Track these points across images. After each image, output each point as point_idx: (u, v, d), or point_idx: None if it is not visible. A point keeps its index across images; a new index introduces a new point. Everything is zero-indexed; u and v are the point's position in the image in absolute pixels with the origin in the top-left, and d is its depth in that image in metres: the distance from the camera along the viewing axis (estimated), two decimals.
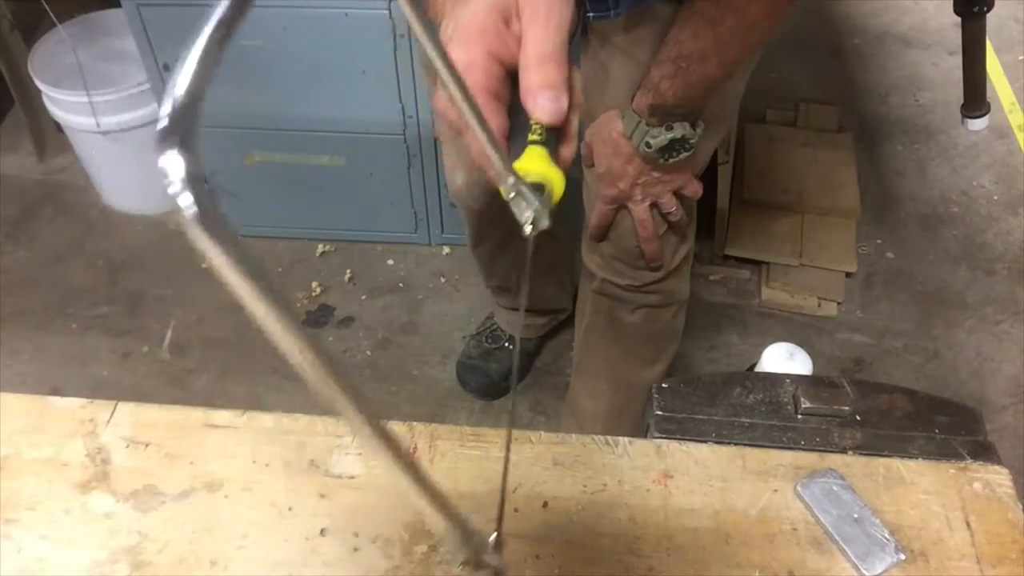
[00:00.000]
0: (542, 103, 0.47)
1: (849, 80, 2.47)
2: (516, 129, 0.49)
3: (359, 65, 1.68)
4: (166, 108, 0.23)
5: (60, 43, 1.91)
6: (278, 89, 1.76)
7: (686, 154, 0.97)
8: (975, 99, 1.28)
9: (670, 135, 0.95)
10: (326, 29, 1.63)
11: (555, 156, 0.48)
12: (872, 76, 2.48)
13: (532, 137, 0.48)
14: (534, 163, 0.47)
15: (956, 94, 1.17)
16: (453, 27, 0.51)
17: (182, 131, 0.23)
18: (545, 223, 0.46)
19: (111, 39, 1.98)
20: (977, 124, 1.31)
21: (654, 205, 1.06)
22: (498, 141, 0.44)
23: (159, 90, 1.78)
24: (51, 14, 1.82)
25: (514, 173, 0.45)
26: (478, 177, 1.29)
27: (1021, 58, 2.52)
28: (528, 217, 0.45)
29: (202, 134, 0.22)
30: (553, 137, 0.49)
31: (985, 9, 1.14)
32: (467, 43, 0.48)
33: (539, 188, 0.46)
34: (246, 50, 1.69)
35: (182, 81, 0.24)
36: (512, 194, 0.45)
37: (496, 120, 0.47)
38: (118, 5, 1.67)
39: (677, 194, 1.06)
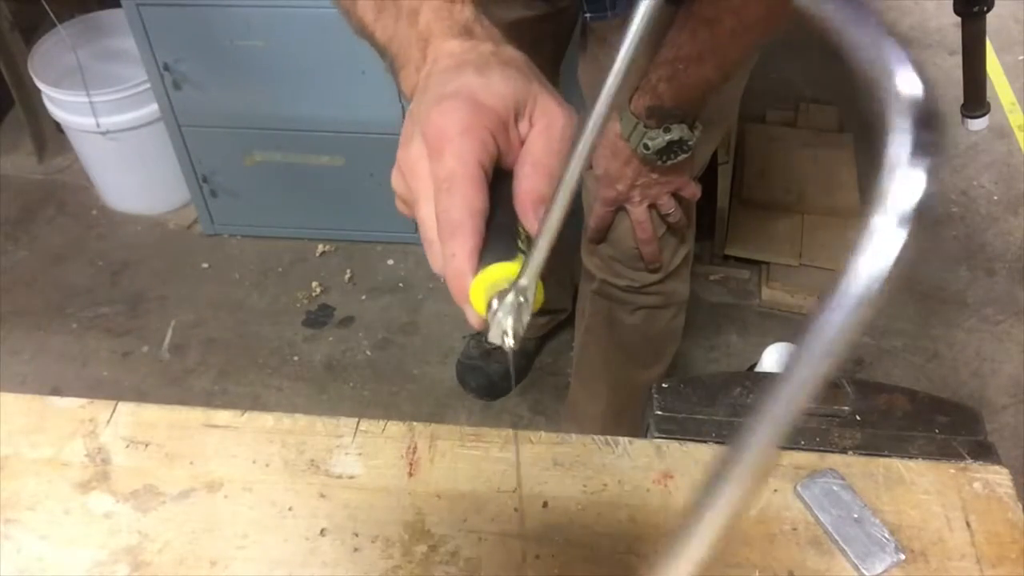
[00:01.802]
0: (540, 214, 0.43)
1: (849, 80, 2.46)
2: (495, 229, 0.44)
3: (359, 65, 1.68)
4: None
5: (60, 43, 1.91)
6: (278, 89, 1.76)
7: (684, 156, 0.97)
8: (975, 99, 1.28)
9: (668, 137, 0.94)
10: (326, 29, 1.63)
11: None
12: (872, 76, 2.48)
13: (521, 245, 0.44)
14: (516, 273, 0.43)
15: (956, 94, 1.17)
16: (448, 96, 0.45)
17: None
18: (512, 342, 0.43)
19: (111, 39, 1.98)
20: (977, 124, 1.31)
21: (652, 207, 1.06)
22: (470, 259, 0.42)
23: (159, 90, 1.79)
24: (51, 14, 1.82)
25: (513, 285, 0.41)
26: None
27: (1021, 58, 2.52)
28: (508, 329, 0.42)
29: (204, 134, 0.19)
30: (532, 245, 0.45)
31: (985, 9, 1.14)
32: (469, 130, 0.43)
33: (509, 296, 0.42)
34: (246, 50, 1.69)
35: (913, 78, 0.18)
36: (495, 304, 0.42)
37: (475, 239, 0.43)
38: (118, 5, 1.67)
39: (675, 195, 1.06)
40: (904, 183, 0.17)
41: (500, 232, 0.43)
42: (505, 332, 0.42)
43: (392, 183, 0.47)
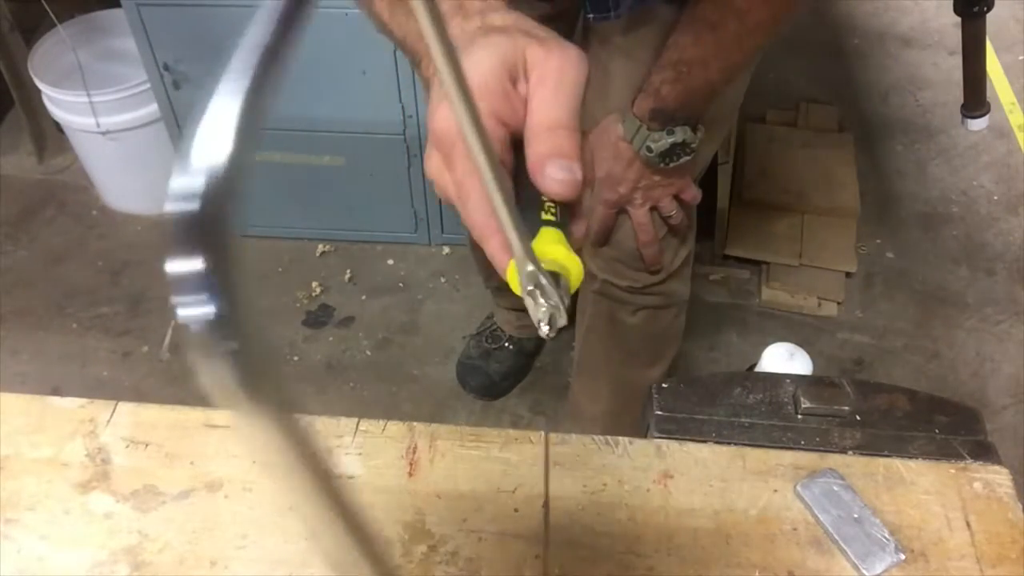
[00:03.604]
0: (552, 173, 0.40)
1: (849, 80, 2.47)
2: (521, 207, 0.41)
3: (359, 65, 1.68)
4: (188, 182, 0.15)
5: (60, 43, 1.91)
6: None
7: (687, 158, 0.97)
8: (975, 99, 1.28)
9: (671, 139, 0.94)
10: (326, 29, 1.63)
11: (569, 237, 0.42)
12: (872, 76, 2.48)
13: (546, 217, 0.41)
14: (550, 248, 0.40)
15: (956, 94, 1.17)
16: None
17: (214, 224, 0.14)
18: (563, 320, 0.40)
19: (111, 39, 1.98)
20: (977, 124, 1.31)
21: (654, 209, 1.06)
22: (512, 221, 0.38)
23: (159, 90, 1.78)
24: (51, 14, 1.82)
25: (535, 261, 0.39)
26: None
27: (1021, 58, 2.52)
28: (545, 314, 0.40)
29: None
30: (566, 215, 0.42)
31: (985, 9, 1.14)
32: None
33: (555, 277, 0.40)
34: None
35: (218, 144, 0.15)
36: (530, 286, 0.39)
37: (500, 236, 0.41)
38: (118, 5, 1.67)
39: (676, 197, 1.06)
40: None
41: (523, 210, 0.41)
42: (539, 321, 0.40)
43: (429, 174, 0.46)
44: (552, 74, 0.43)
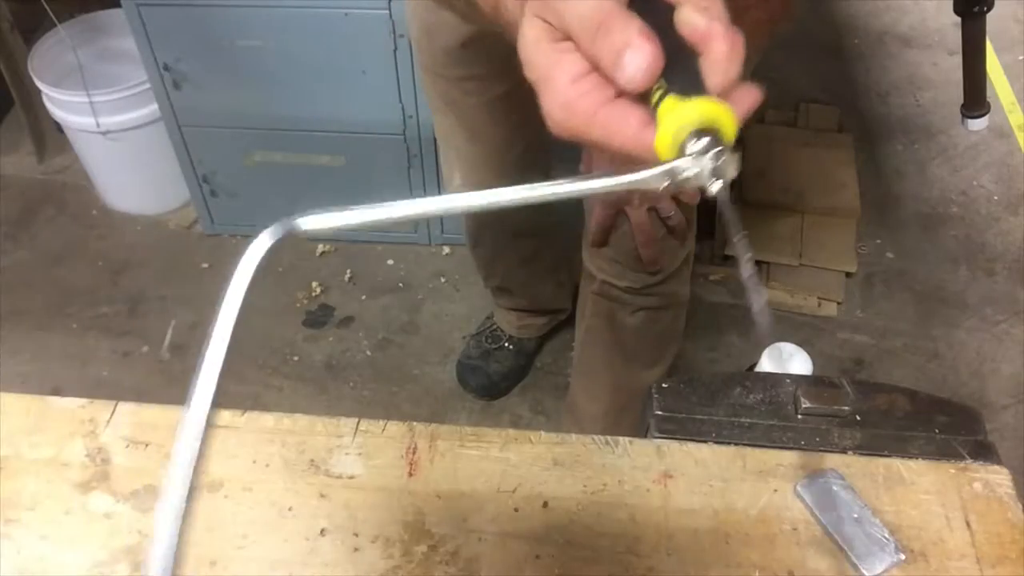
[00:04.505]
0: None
1: (849, 80, 2.47)
2: (672, 61, 0.38)
3: (359, 65, 1.68)
4: None
5: (60, 43, 1.91)
6: (278, 89, 1.76)
7: None
8: (975, 99, 1.28)
9: None
10: (326, 29, 1.63)
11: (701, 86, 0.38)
12: (872, 76, 2.48)
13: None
14: (688, 107, 0.37)
15: (956, 94, 1.17)
16: None
17: None
18: (733, 172, 0.38)
19: (111, 39, 1.98)
20: (977, 124, 1.30)
21: (652, 209, 1.06)
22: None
23: (159, 90, 1.78)
24: (51, 14, 1.82)
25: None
26: (476, 180, 1.29)
27: (1021, 58, 2.52)
28: (710, 175, 0.37)
29: (204, 134, 0.18)
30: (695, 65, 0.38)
31: (985, 9, 1.14)
32: None
33: (706, 135, 0.37)
34: (246, 50, 1.69)
35: None
36: (695, 145, 0.37)
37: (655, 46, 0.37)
38: (118, 5, 1.67)
39: (675, 198, 1.06)
40: None
41: (680, 64, 0.38)
42: (714, 175, 0.37)
43: (563, 123, 0.41)
44: None
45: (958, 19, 1.15)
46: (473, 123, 1.23)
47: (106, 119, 1.88)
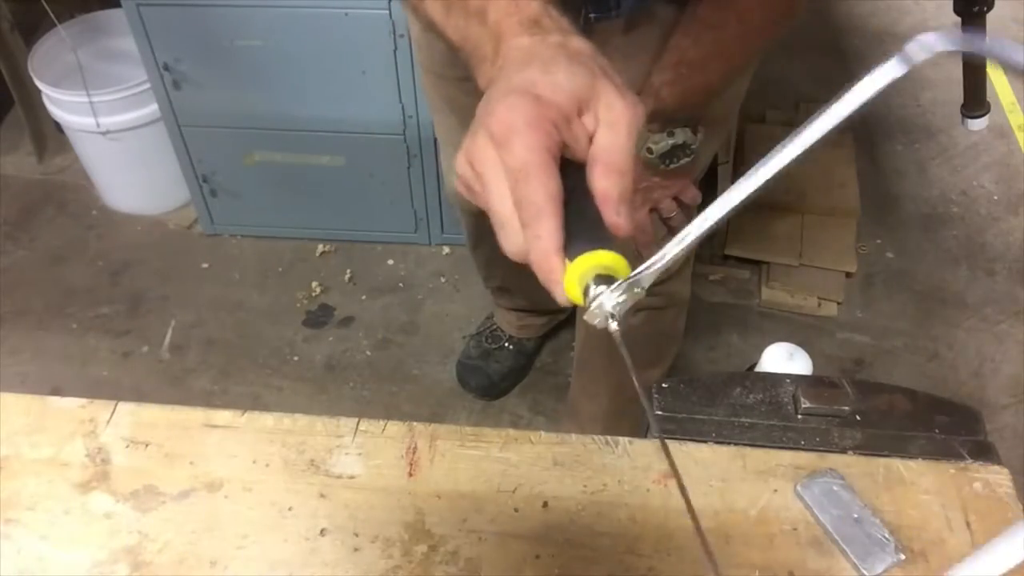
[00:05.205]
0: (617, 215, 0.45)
1: (849, 80, 2.46)
2: (578, 217, 0.45)
3: (359, 65, 1.68)
4: None
5: (60, 43, 1.91)
6: (278, 89, 1.76)
7: (687, 160, 0.97)
8: (975, 99, 1.28)
9: (672, 141, 0.94)
10: (326, 29, 1.63)
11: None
12: None
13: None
14: (592, 257, 0.44)
15: (956, 94, 1.17)
16: (513, 91, 0.45)
17: None
18: (621, 323, 0.45)
19: (111, 39, 1.98)
20: (977, 124, 1.30)
21: (653, 210, 1.06)
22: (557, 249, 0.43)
23: (159, 90, 1.79)
24: (51, 14, 1.82)
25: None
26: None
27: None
28: (613, 312, 0.44)
29: (204, 134, 0.19)
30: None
31: (985, 9, 1.14)
32: (535, 118, 0.44)
33: (608, 281, 0.44)
34: (246, 50, 1.69)
35: None
36: (594, 289, 0.44)
37: (557, 220, 0.44)
38: (118, 5, 1.67)
39: (676, 199, 1.06)
40: None
41: (584, 220, 0.45)
42: (611, 315, 0.44)
43: (457, 168, 0.47)
44: (620, 122, 0.46)
45: (958, 19, 1.15)
46: None
47: (106, 119, 1.88)
